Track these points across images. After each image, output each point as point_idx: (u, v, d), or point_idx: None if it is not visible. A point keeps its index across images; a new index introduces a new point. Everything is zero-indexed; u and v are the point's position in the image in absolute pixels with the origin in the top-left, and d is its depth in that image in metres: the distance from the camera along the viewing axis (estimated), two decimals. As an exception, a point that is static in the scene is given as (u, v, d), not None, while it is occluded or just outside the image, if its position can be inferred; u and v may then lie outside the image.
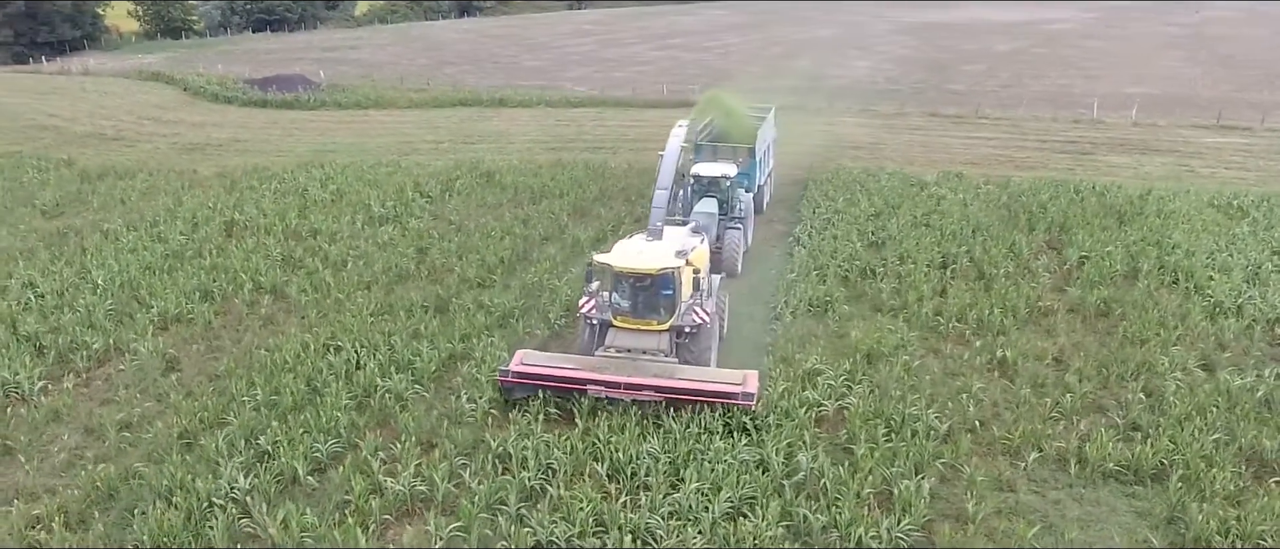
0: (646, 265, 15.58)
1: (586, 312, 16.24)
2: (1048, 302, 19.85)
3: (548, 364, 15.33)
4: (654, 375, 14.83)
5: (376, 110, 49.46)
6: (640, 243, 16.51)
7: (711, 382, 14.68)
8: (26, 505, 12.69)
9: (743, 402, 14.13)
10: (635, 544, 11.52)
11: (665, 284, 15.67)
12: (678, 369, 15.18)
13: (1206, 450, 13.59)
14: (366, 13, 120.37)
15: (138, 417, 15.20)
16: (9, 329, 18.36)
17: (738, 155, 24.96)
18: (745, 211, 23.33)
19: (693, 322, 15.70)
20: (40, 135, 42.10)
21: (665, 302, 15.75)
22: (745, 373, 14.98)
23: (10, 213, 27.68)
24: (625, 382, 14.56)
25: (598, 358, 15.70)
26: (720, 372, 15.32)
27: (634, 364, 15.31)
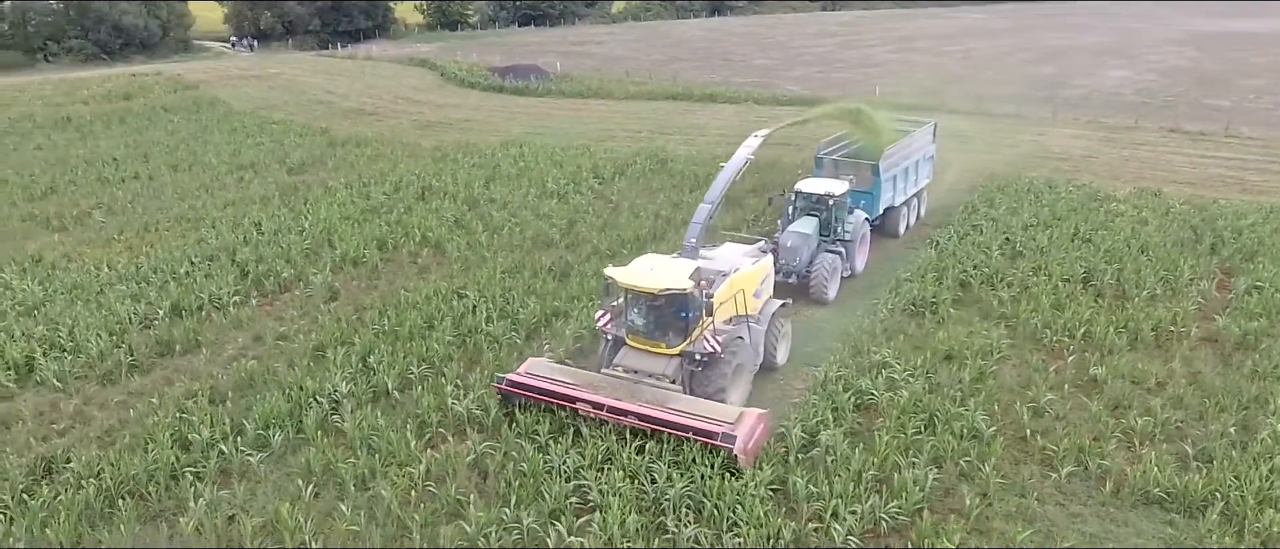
0: (649, 284, 14.30)
1: (602, 326, 15.65)
2: (1182, 327, 18.32)
3: (548, 377, 14.71)
4: (646, 402, 13.85)
5: (595, 100, 53.05)
6: (658, 259, 15.40)
7: (694, 417, 13.39)
8: (190, 383, 16.19)
9: (722, 443, 12.79)
10: (626, 478, 12.72)
11: (680, 306, 14.60)
12: (674, 398, 14.08)
13: (1273, 491, 12.44)
14: (622, 10, 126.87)
15: (293, 331, 18.56)
16: (228, 255, 22.74)
17: (859, 172, 23.60)
18: (854, 235, 21.57)
19: (703, 349, 14.52)
20: (314, 108, 49.69)
21: (678, 324, 14.73)
22: (743, 411, 13.70)
23: (266, 169, 33.45)
24: (610, 405, 13.75)
25: (602, 375, 14.96)
26: (715, 407, 13.86)
27: (634, 387, 14.39)
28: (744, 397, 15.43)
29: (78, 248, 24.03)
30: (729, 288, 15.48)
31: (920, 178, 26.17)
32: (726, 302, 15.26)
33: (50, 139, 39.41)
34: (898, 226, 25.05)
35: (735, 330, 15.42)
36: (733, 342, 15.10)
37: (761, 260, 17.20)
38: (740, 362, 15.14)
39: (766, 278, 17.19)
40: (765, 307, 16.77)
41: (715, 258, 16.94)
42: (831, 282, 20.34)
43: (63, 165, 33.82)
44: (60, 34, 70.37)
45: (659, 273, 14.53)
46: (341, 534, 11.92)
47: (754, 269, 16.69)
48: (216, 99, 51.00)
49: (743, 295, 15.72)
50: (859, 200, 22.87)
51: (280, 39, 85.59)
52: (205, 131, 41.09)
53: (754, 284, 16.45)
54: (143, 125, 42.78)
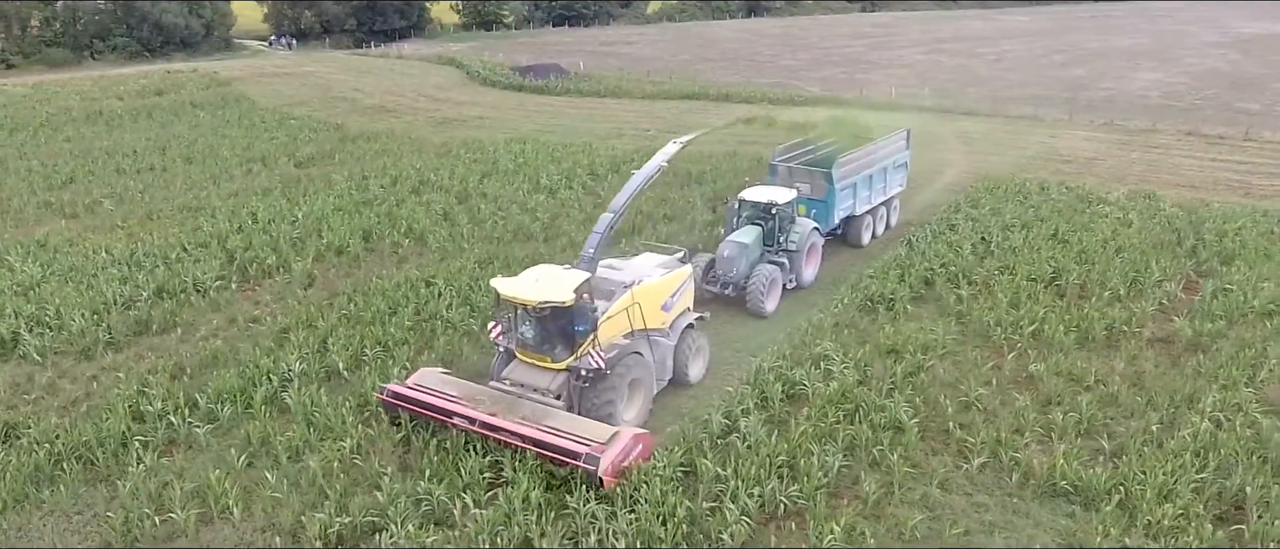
0: (529, 296, 13.66)
1: (494, 337, 15.01)
2: (1136, 328, 18.27)
3: (432, 389, 14.29)
4: (523, 418, 13.36)
5: (612, 99, 53.63)
6: (547, 271, 14.67)
7: (563, 436, 12.84)
8: (157, 360, 17.10)
9: (585, 466, 12.20)
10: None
11: (567, 319, 13.89)
12: (553, 415, 13.56)
13: (1172, 486, 12.51)
14: (657, 11, 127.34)
15: (265, 315, 19.41)
16: (220, 243, 23.74)
17: (813, 180, 22.68)
18: (799, 245, 20.60)
19: (588, 365, 13.89)
20: (337, 104, 51.03)
21: (565, 338, 14.05)
22: (619, 431, 13.02)
23: (275, 162, 34.60)
24: (482, 420, 13.31)
25: (489, 388, 14.45)
26: (590, 426, 13.23)
27: (515, 402, 13.90)
28: (641, 414, 14.79)
29: (83, 233, 25.25)
30: (628, 300, 14.85)
31: (890, 185, 25.37)
32: (618, 315, 14.62)
33: (80, 132, 41.15)
34: (861, 236, 24.26)
35: (630, 345, 14.74)
36: (626, 357, 14.46)
37: (674, 271, 16.44)
38: (635, 378, 14.53)
39: (679, 290, 16.30)
40: (677, 320, 16.09)
41: (624, 268, 16.29)
42: (769, 294, 19.53)
43: (86, 157, 35.35)
44: (106, 32, 73.11)
45: (543, 284, 13.86)
46: (264, 500, 12.61)
47: (661, 281, 15.89)
48: (244, 95, 52.65)
49: (639, 309, 14.94)
50: (813, 209, 22.28)
51: (318, 38, 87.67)
52: (225, 126, 42.56)
53: (661, 296, 15.72)
54: (168, 120, 44.41)
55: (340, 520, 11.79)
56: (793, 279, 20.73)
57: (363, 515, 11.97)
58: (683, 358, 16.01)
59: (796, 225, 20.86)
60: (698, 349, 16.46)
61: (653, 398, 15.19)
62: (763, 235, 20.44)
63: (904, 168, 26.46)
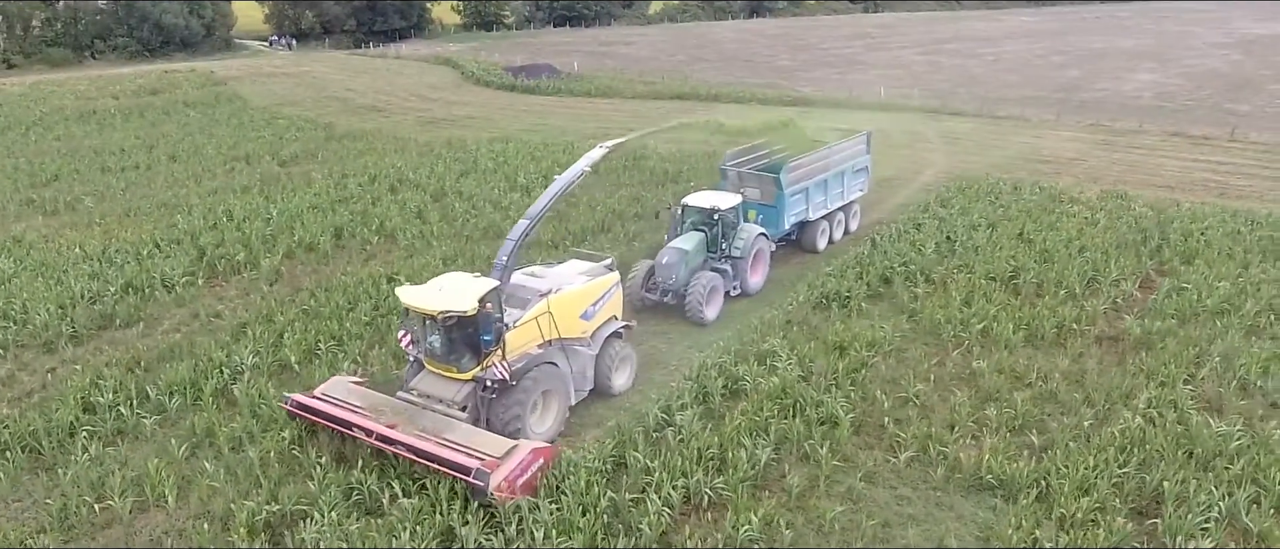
0: (429, 305, 13.36)
1: (405, 346, 14.78)
2: (1085, 326, 18.39)
3: (338, 399, 14.05)
4: (423, 430, 13.05)
5: (602, 99, 53.91)
6: (453, 279, 14.27)
7: (456, 450, 12.51)
8: (115, 353, 17.43)
9: (474, 482, 11.77)
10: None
11: (472, 328, 13.57)
12: (454, 427, 13.25)
13: (1093, 481, 12.67)
14: (659, 11, 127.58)
15: (226, 310, 19.72)
16: (192, 239, 24.07)
17: (763, 185, 22.30)
18: (744, 252, 20.23)
19: (493, 376, 13.58)
20: (329, 104, 51.47)
21: (470, 348, 13.74)
22: (518, 445, 12.68)
23: (258, 160, 34.99)
24: (379, 432, 12.99)
25: (396, 399, 14.21)
26: (489, 439, 12.91)
27: (418, 414, 13.68)
28: (555, 426, 14.49)
29: (60, 230, 25.64)
30: (542, 309, 14.62)
31: (848, 190, 24.98)
32: (530, 324, 14.38)
33: (70, 131, 41.66)
34: (816, 242, 23.82)
35: (543, 355, 14.43)
36: (537, 368, 14.16)
37: (597, 280, 16.07)
38: (548, 389, 14.30)
39: (603, 298, 15.97)
40: (600, 329, 15.78)
41: (547, 276, 16.10)
42: (709, 303, 19.08)
43: (73, 155, 35.82)
44: (107, 32, 73.80)
45: (447, 293, 13.53)
46: (201, 489, 12.89)
47: (581, 289, 15.60)
48: (237, 95, 53.15)
49: (550, 318, 14.65)
50: (763, 214, 21.99)
51: (318, 38, 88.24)
52: (214, 125, 43.01)
53: (580, 305, 15.46)
54: (159, 119, 44.91)
55: (269, 508, 12.05)
56: (736, 286, 20.38)
57: (292, 503, 12.23)
58: (605, 368, 15.65)
59: (742, 231, 20.46)
60: (623, 359, 16.04)
61: (569, 409, 14.83)
62: (706, 242, 20.09)
63: (865, 172, 26.04)
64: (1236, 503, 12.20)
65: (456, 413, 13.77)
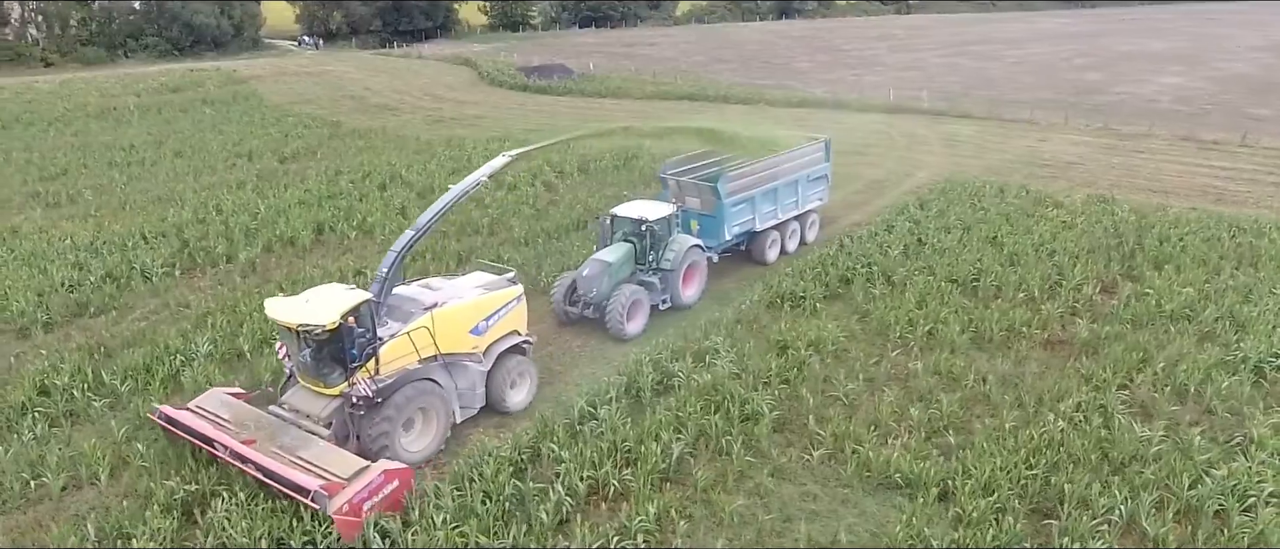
0: (288, 317, 12.94)
1: (283, 358, 14.43)
2: (1037, 330, 18.33)
3: (209, 412, 13.77)
4: (278, 448, 12.67)
5: (611, 99, 54.29)
6: (323, 291, 13.87)
7: (299, 469, 12.11)
8: (83, 339, 18.15)
9: (313, 505, 11.35)
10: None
11: (340, 343, 13.06)
12: (309, 445, 12.83)
13: (997, 481, 12.72)
14: (687, 12, 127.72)
15: (195, 301, 20.40)
16: (175, 233, 24.86)
17: (702, 195, 21.53)
18: (675, 264, 19.46)
19: (358, 392, 13.10)
20: (343, 102, 52.49)
21: (338, 363, 13.27)
22: (369, 466, 12.13)
23: (260, 156, 35.91)
24: (233, 449, 12.65)
25: (267, 413, 13.88)
26: (341, 459, 12.46)
27: (280, 429, 13.31)
28: (433, 445, 14.00)
29: (56, 222, 26.62)
30: (424, 323, 14.06)
31: (805, 199, 24.04)
32: (403, 339, 13.78)
33: (88, 127, 43.06)
34: (765, 253, 22.95)
35: (420, 371, 13.90)
36: (410, 385, 13.66)
37: (494, 293, 15.44)
38: (424, 407, 13.82)
39: (498, 313, 15.33)
40: (495, 345, 15.23)
41: (442, 289, 15.55)
42: (631, 317, 18.41)
43: (85, 150, 37.05)
44: (139, 32, 75.88)
45: (312, 306, 13.07)
46: (133, 469, 13.46)
47: (471, 303, 14.97)
48: (255, 93, 54.41)
49: (426, 333, 14.05)
50: (703, 224, 21.42)
51: (345, 38, 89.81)
52: (226, 122, 44.15)
53: (470, 320, 14.84)
54: (175, 116, 46.19)
55: (187, 488, 12.56)
56: (666, 300, 19.68)
57: (211, 484, 12.73)
58: (499, 385, 15.13)
59: (674, 243, 19.72)
60: (521, 375, 15.57)
61: (450, 427, 14.33)
62: (634, 253, 19.40)
63: (824, 180, 25.06)
64: (1139, 507, 12.19)
65: (319, 429, 13.34)
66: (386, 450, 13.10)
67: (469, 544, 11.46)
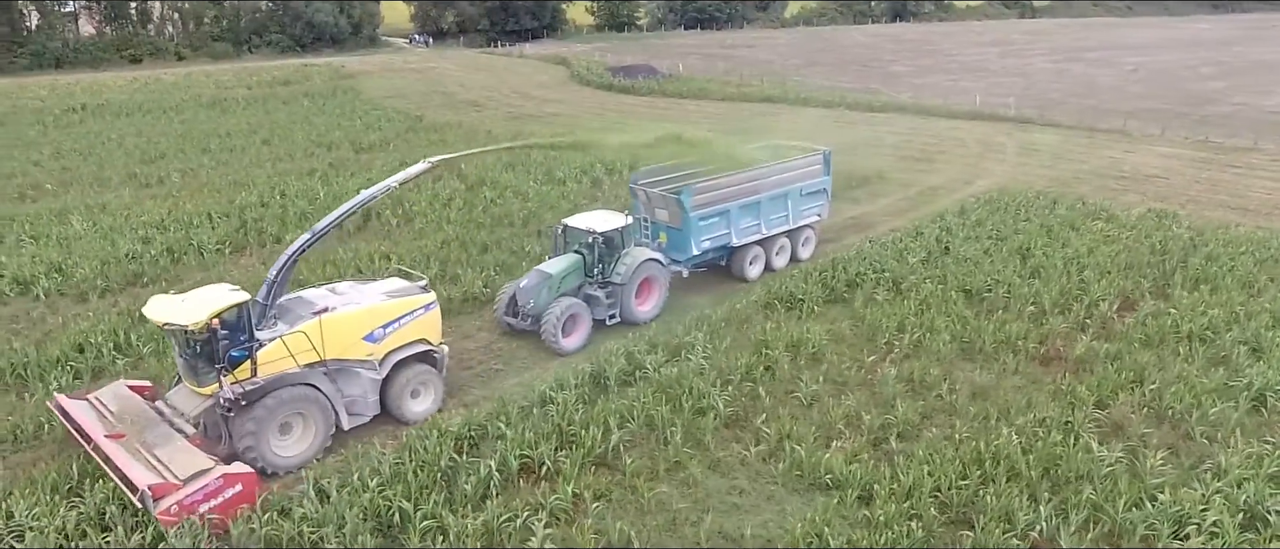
0: (158, 316, 13.14)
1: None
2: (1035, 344, 17.77)
3: (102, 402, 14.12)
4: (138, 444, 12.87)
5: (691, 100, 54.73)
6: (209, 290, 13.95)
7: (147, 465, 12.31)
8: (128, 305, 20.05)
9: (139, 502, 11.52)
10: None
11: (210, 343, 13.02)
12: (168, 443, 13.00)
13: (920, 488, 12.60)
14: (796, 14, 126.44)
15: (237, 276, 22.07)
16: (238, 214, 26.89)
17: (670, 207, 20.62)
18: (626, 278, 18.82)
19: (224, 395, 13.07)
20: (433, 98, 54.92)
21: (209, 363, 13.17)
22: (212, 469, 12.20)
23: (338, 147, 38.18)
24: (96, 444, 12.87)
25: (152, 409, 14.04)
26: (189, 459, 12.57)
27: (149, 426, 13.45)
28: (311, 450, 13.91)
29: (141, 200, 29.22)
30: (310, 328, 14.03)
31: (796, 215, 22.81)
32: (291, 342, 13.80)
33: (196, 116, 46.72)
34: (745, 270, 21.88)
35: (297, 376, 13.81)
36: (285, 390, 13.61)
37: (397, 301, 15.19)
38: (300, 412, 13.78)
39: (399, 321, 15.04)
40: (394, 353, 14.98)
41: (346, 293, 15.41)
42: (568, 331, 17.98)
43: (187, 137, 40.30)
44: (264, 29, 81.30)
45: (189, 305, 13.21)
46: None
47: (367, 309, 14.75)
48: (356, 88, 57.55)
49: (304, 338, 13.93)
50: (672, 237, 20.82)
51: (454, 37, 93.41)
52: (319, 114, 47.01)
53: (364, 326, 14.62)
54: (276, 107, 49.49)
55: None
56: (614, 315, 19.01)
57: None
58: (397, 394, 14.97)
59: (627, 256, 19.08)
60: (424, 385, 15.35)
61: (330, 433, 14.19)
62: (582, 265, 18.93)
63: (822, 194, 23.68)
64: (1062, 526, 11.88)
65: (186, 427, 13.48)
66: (252, 453, 13.15)
67: (390, 508, 12.26)
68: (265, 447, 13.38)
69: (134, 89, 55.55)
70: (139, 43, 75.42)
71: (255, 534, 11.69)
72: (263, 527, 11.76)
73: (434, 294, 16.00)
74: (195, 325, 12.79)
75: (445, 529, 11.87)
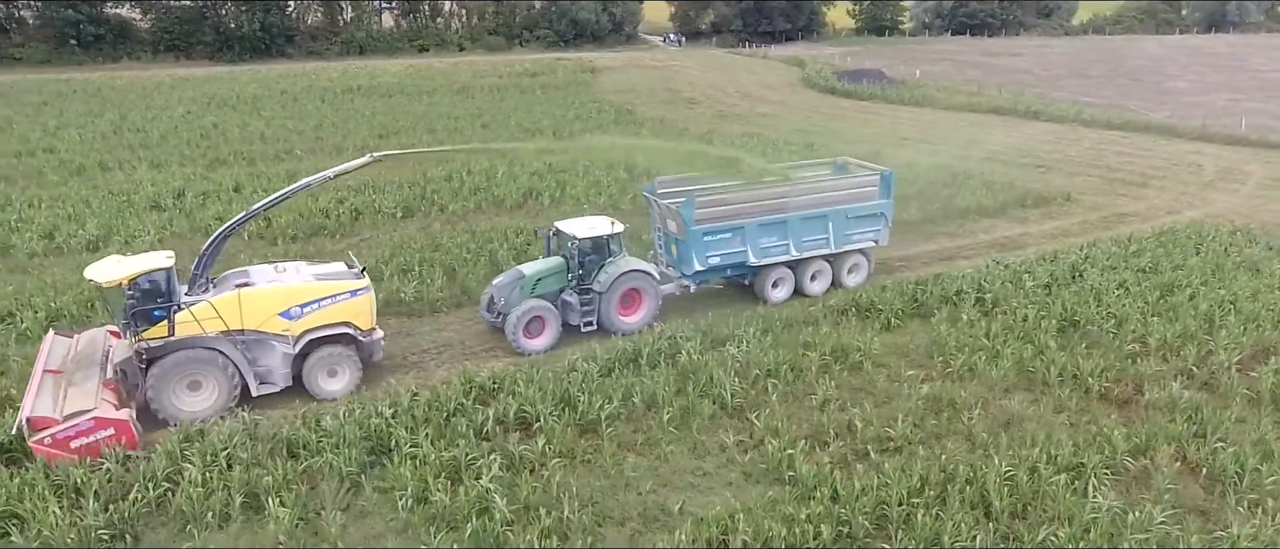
0: (90, 273, 14.98)
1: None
2: (1106, 383, 16.29)
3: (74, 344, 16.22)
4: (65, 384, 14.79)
5: (910, 107, 53.05)
6: (150, 255, 15.64)
7: (46, 400, 14.09)
8: (300, 250, 23.99)
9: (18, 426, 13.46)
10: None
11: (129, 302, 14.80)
12: (84, 385, 14.75)
13: (864, 490, 12.52)
14: (1087, 21, 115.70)
15: (396, 238, 25.51)
16: (422, 185, 30.58)
17: (678, 220, 19.95)
18: (605, 287, 18.59)
19: (134, 350, 15.02)
20: (658, 93, 57.86)
21: (128, 319, 14.94)
22: (99, 411, 13.65)
23: (541, 134, 41.70)
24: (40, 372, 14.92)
25: (102, 354, 15.87)
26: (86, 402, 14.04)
27: (90, 367, 15.35)
28: (214, 407, 15.19)
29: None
30: (226, 299, 15.39)
31: (840, 237, 21.24)
32: (199, 308, 15.15)
33: (442, 100, 52.77)
34: (767, 292, 20.79)
35: (203, 341, 15.16)
36: (188, 351, 15.02)
37: (321, 283, 16.24)
38: (200, 374, 15.11)
39: (318, 302, 15.98)
40: (311, 332, 15.96)
41: (285, 273, 16.79)
42: (533, 333, 18.25)
43: (424, 117, 45.95)
44: (534, 24, 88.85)
45: (110, 266, 15.02)
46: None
47: (285, 288, 15.94)
48: (590, 82, 61.82)
49: (212, 310, 15.22)
50: (680, 250, 20.40)
51: (708, 37, 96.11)
52: (543, 103, 51.34)
53: (280, 304, 15.72)
54: (512, 96, 54.60)
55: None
56: (590, 322, 18.88)
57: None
58: (311, 370, 16.03)
59: (610, 264, 18.95)
60: (340, 364, 16.29)
61: (233, 395, 15.39)
62: (565, 269, 19.09)
63: (878, 219, 21.84)
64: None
65: (109, 373, 15.08)
66: (154, 403, 14.80)
67: (390, 434, 14.25)
68: (167, 399, 14.88)
69: (405, 75, 63.57)
70: (427, 35, 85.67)
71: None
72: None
73: (367, 282, 16.71)
74: (108, 283, 14.52)
75: (424, 458, 13.63)
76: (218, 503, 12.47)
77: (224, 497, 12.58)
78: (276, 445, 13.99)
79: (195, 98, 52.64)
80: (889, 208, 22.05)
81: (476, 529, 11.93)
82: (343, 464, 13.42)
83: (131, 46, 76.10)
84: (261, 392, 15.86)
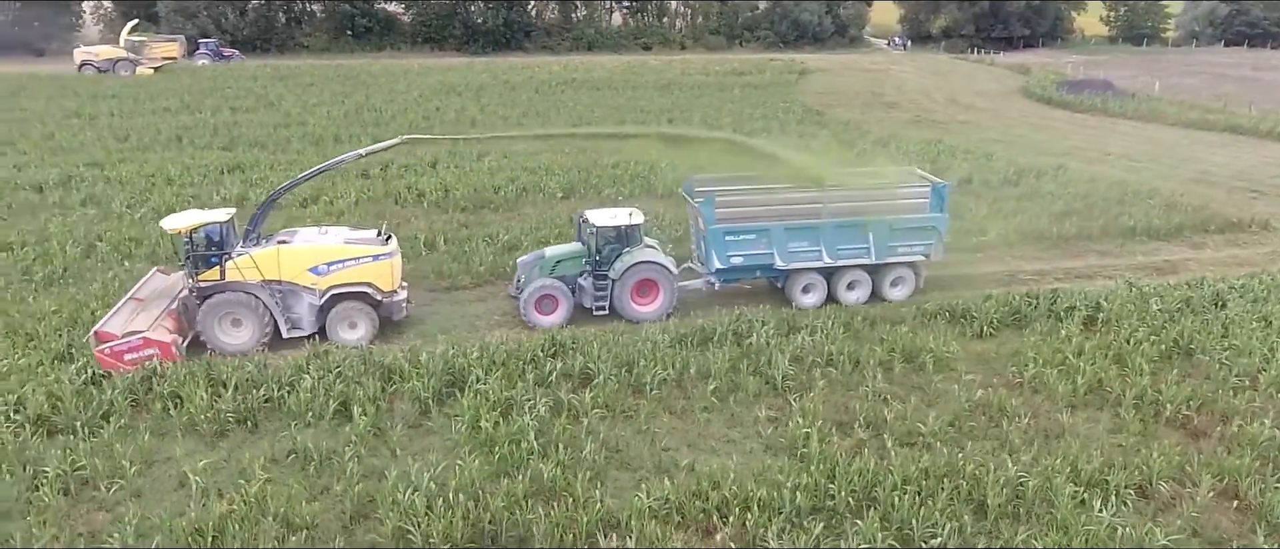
0: (165, 222, 18.19)
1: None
2: (1179, 408, 15.48)
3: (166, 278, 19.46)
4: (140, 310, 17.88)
5: (1132, 121, 49.52)
6: (215, 211, 18.53)
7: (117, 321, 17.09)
8: (460, 218, 27.25)
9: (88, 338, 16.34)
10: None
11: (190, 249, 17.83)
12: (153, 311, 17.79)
13: (858, 474, 13.14)
14: None
15: (547, 217, 28.17)
16: (584, 171, 33.13)
17: (700, 216, 20.35)
18: (618, 274, 19.50)
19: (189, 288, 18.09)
20: (860, 96, 57.85)
21: (192, 263, 18.00)
22: (151, 334, 16.58)
23: (719, 129, 43.11)
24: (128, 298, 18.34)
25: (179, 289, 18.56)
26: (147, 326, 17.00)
27: (162, 299, 18.41)
28: (248, 342, 17.79)
29: (538, 152, 37.07)
30: (266, 253, 17.95)
31: (884, 249, 20.64)
32: (245, 260, 17.81)
33: (641, 95, 55.25)
34: (797, 297, 20.71)
35: (246, 286, 17.77)
36: (230, 294, 17.70)
37: (350, 247, 18.50)
38: (237, 315, 17.76)
39: (344, 263, 18.27)
40: (336, 288, 18.23)
41: (326, 234, 19.15)
42: (545, 310, 19.57)
43: (618, 109, 48.88)
44: (755, 25, 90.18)
45: (186, 217, 18.11)
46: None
47: (316, 248, 18.34)
48: (794, 83, 62.37)
49: (252, 263, 17.81)
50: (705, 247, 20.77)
51: (937, 41, 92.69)
52: (731, 102, 52.71)
53: (310, 261, 18.13)
54: (707, 94, 56.27)
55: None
56: (602, 306, 19.92)
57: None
58: (333, 321, 18.37)
59: (626, 254, 19.75)
60: (359, 317, 18.48)
61: (266, 333, 17.94)
62: (585, 254, 20.11)
63: (930, 233, 20.98)
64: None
65: (178, 306, 18.14)
66: (203, 334, 17.75)
67: (471, 371, 16.54)
68: (212, 332, 17.75)
69: (620, 70, 67.29)
70: (652, 33, 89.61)
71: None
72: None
73: (392, 248, 18.93)
74: (173, 231, 17.67)
75: (486, 395, 15.73)
76: (319, 406, 15.36)
77: (325, 402, 15.46)
78: (379, 370, 16.79)
79: (432, 84, 59.21)
80: (943, 222, 21.10)
81: (504, 454, 13.91)
82: (421, 390, 15.92)
83: (395, 38, 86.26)
84: (292, 335, 18.29)
